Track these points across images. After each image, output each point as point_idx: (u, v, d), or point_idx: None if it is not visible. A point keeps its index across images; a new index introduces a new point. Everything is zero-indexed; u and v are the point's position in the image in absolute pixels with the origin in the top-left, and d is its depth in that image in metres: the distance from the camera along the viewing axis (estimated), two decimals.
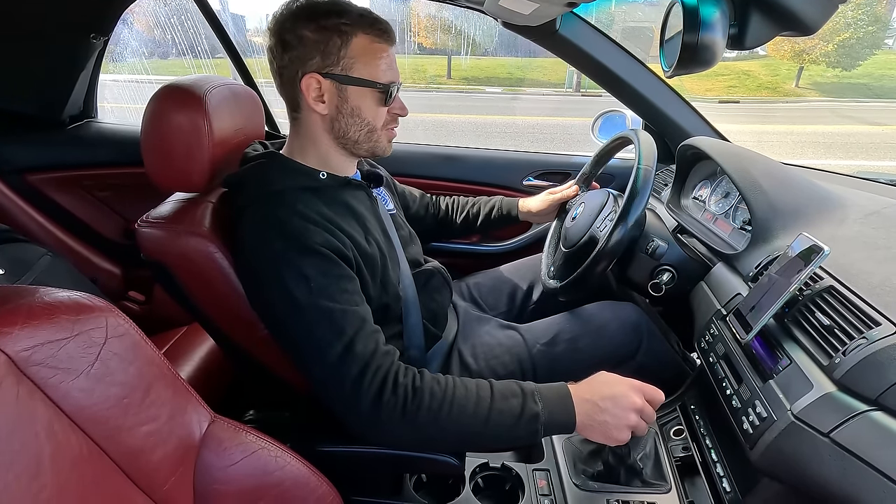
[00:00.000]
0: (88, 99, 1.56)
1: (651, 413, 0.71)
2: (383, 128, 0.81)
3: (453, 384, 0.69)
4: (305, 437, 0.76)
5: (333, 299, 0.69)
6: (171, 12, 2.50)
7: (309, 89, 0.75)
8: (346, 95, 0.76)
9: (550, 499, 0.80)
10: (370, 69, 0.75)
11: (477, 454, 0.86)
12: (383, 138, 0.82)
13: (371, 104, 0.78)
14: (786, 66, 14.17)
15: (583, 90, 11.87)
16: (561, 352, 0.97)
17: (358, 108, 0.77)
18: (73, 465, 0.43)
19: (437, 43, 14.99)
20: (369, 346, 0.69)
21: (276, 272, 0.69)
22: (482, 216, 1.23)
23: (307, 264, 0.69)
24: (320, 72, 0.74)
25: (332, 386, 0.68)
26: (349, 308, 0.70)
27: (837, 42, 13.08)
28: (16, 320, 0.41)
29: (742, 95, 12.77)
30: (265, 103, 1.47)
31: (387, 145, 0.84)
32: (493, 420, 0.67)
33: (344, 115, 0.77)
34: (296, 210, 0.73)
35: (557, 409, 0.69)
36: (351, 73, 0.75)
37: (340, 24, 0.72)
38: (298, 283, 0.68)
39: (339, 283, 0.71)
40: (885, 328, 0.55)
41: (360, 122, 0.78)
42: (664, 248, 0.97)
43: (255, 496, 0.59)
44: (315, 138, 0.80)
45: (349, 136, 0.79)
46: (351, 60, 0.74)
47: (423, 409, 0.66)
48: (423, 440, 0.70)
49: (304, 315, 0.68)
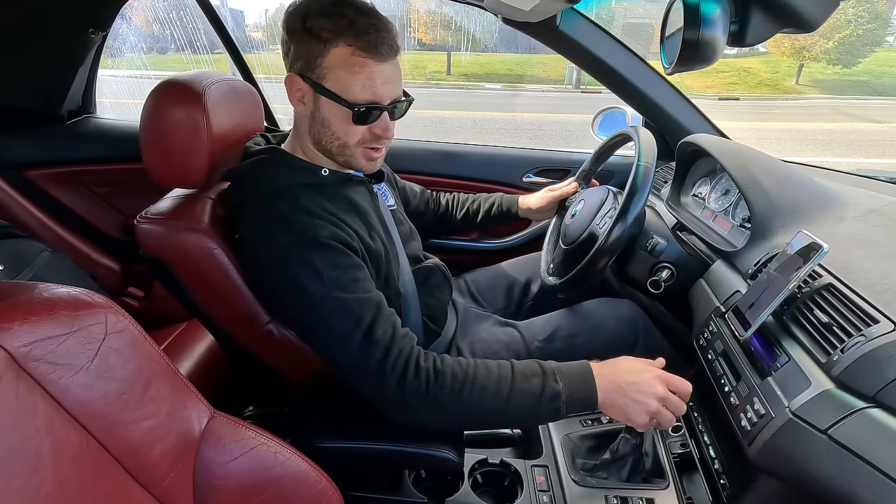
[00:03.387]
0: (87, 94, 1.55)
1: (678, 403, 0.70)
2: (358, 145, 0.77)
3: (475, 366, 0.71)
4: (305, 432, 0.76)
5: (347, 289, 0.69)
6: (170, 7, 2.49)
7: (292, 87, 0.74)
8: (319, 104, 0.74)
9: (549, 494, 0.80)
10: (343, 84, 0.71)
11: (476, 450, 0.86)
12: (359, 156, 0.78)
13: (340, 120, 0.74)
14: (786, 64, 14.13)
15: (582, 87, 11.82)
16: (559, 348, 0.97)
17: (328, 120, 0.74)
18: (73, 460, 0.43)
19: (437, 39, 14.93)
20: (388, 330, 0.70)
21: (286, 268, 0.70)
22: (482, 213, 1.23)
23: (316, 257, 0.69)
24: (301, 73, 0.72)
25: (358, 373, 0.70)
26: (363, 296, 0.70)
27: (838, 39, 13.05)
28: (15, 316, 0.41)
29: (742, 92, 12.74)
30: (264, 99, 1.47)
31: (364, 163, 0.79)
32: (515, 399, 0.69)
33: (317, 122, 0.75)
34: (299, 205, 0.73)
35: (579, 387, 0.70)
36: (324, 82, 0.71)
37: (323, 30, 0.69)
38: (310, 278, 0.69)
39: (349, 272, 0.71)
40: (883, 326, 0.55)
41: (330, 134, 0.76)
42: (663, 245, 0.97)
43: (254, 491, 0.59)
44: (303, 136, 0.80)
45: (322, 143, 0.77)
46: (325, 70, 0.71)
47: (445, 390, 0.68)
48: (448, 420, 0.72)
49: (319, 308, 0.69)
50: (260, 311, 0.80)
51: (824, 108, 10.74)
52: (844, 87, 13.16)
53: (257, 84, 1.47)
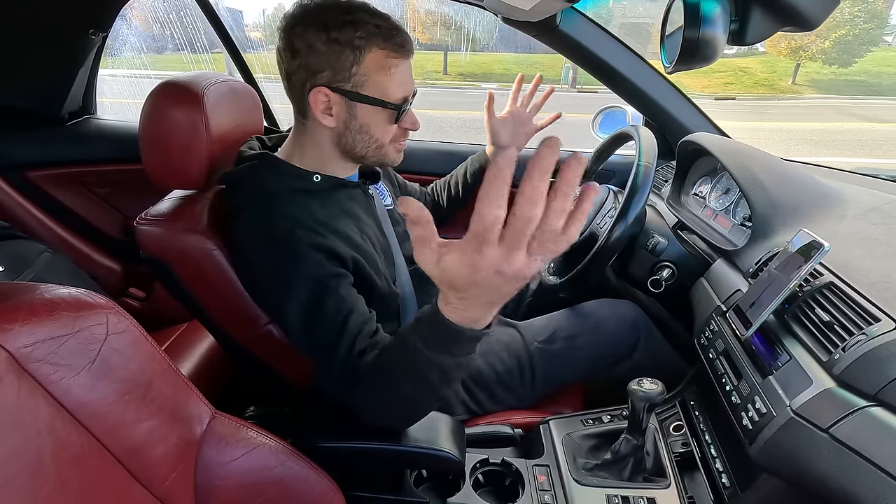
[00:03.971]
0: (87, 95, 1.55)
1: None
2: (392, 142, 0.79)
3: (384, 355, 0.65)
4: (306, 432, 0.76)
5: (324, 300, 0.69)
6: (170, 8, 2.49)
7: (317, 102, 0.72)
8: (355, 112, 0.74)
9: (550, 494, 0.80)
10: (383, 87, 0.72)
11: (477, 449, 0.86)
12: (391, 151, 0.80)
13: (381, 122, 0.75)
14: (783, 63, 14.15)
15: (578, 86, 11.84)
16: (559, 349, 0.97)
17: (367, 125, 0.75)
18: (75, 461, 0.43)
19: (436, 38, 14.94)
20: (367, 340, 0.69)
21: (272, 275, 0.70)
22: (461, 184, 1.13)
23: (300, 267, 0.69)
24: (329, 86, 0.71)
25: (325, 371, 0.70)
26: (344, 306, 0.69)
27: (834, 39, 13.06)
28: (16, 317, 0.41)
29: (738, 92, 12.76)
30: (264, 99, 1.47)
31: (395, 156, 0.81)
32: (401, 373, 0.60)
33: (352, 130, 0.75)
34: (286, 213, 0.73)
35: (435, 335, 0.55)
36: (362, 90, 0.72)
37: (354, 39, 0.69)
38: (294, 286, 0.69)
39: (327, 281, 0.70)
40: (884, 324, 0.55)
41: (368, 139, 0.77)
42: (664, 244, 0.97)
43: (256, 491, 0.59)
44: (319, 146, 0.79)
45: (356, 151, 0.78)
46: (363, 77, 0.71)
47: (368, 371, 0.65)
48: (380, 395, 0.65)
49: (303, 316, 0.69)
50: (259, 312, 0.80)
51: (820, 107, 10.75)
52: (842, 86, 13.18)
53: (257, 84, 1.47)
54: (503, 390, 0.96)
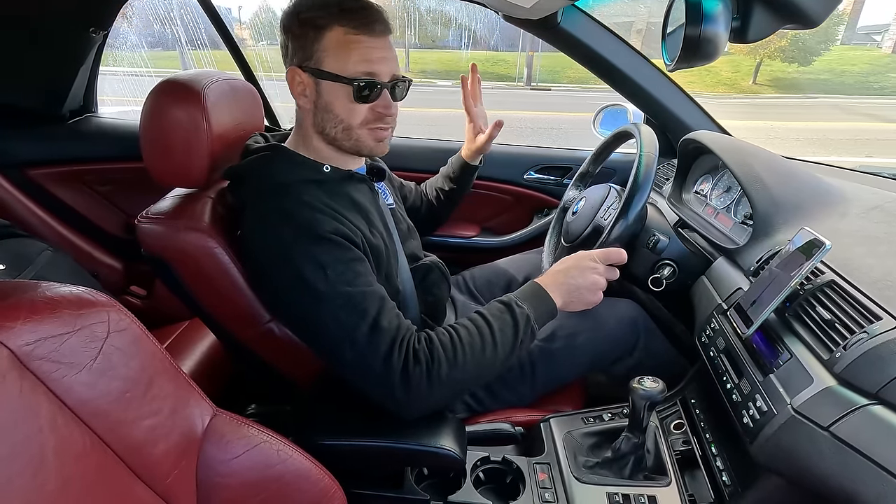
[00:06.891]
0: (88, 93, 1.55)
1: (613, 271, 0.80)
2: (362, 126, 0.77)
3: (455, 330, 0.73)
4: (307, 430, 0.76)
5: (351, 283, 0.70)
6: (168, 7, 2.49)
7: (294, 83, 0.76)
8: (320, 90, 0.75)
9: (551, 492, 0.80)
10: (340, 63, 0.73)
11: (478, 447, 0.86)
12: (365, 136, 0.78)
13: (342, 98, 0.75)
14: (748, 63, 14.09)
15: (533, 84, 12.22)
16: (559, 348, 0.97)
17: (330, 103, 0.76)
18: (77, 458, 0.43)
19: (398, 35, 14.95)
20: (393, 321, 0.71)
21: (290, 264, 0.70)
22: (445, 186, 1.19)
23: (321, 252, 0.70)
24: (300, 65, 0.75)
25: (364, 368, 0.70)
26: (367, 289, 0.71)
27: (790, 37, 12.99)
28: (18, 315, 0.41)
29: (699, 91, 12.75)
30: (265, 97, 1.47)
31: (374, 145, 0.79)
32: (500, 340, 0.73)
33: (320, 109, 0.77)
34: (302, 201, 0.73)
35: (540, 303, 0.76)
36: (321, 66, 0.73)
37: (317, 18, 0.72)
38: (315, 273, 0.69)
39: (353, 266, 0.71)
40: (885, 322, 0.55)
41: (333, 118, 0.77)
42: (665, 242, 0.97)
43: (257, 489, 0.59)
44: (307, 133, 0.81)
45: (327, 132, 0.78)
46: (323, 53, 0.73)
47: (443, 364, 0.69)
48: (454, 390, 0.73)
49: (325, 303, 0.69)
50: (261, 311, 0.80)
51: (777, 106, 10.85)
52: (804, 85, 13.19)
53: (258, 82, 1.47)
54: (504, 388, 0.96)
